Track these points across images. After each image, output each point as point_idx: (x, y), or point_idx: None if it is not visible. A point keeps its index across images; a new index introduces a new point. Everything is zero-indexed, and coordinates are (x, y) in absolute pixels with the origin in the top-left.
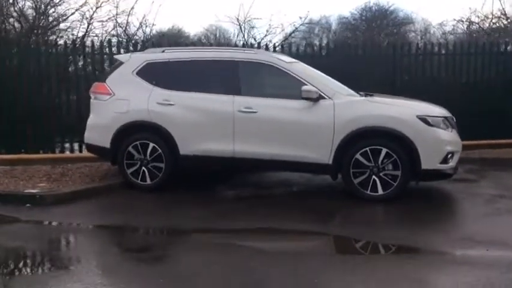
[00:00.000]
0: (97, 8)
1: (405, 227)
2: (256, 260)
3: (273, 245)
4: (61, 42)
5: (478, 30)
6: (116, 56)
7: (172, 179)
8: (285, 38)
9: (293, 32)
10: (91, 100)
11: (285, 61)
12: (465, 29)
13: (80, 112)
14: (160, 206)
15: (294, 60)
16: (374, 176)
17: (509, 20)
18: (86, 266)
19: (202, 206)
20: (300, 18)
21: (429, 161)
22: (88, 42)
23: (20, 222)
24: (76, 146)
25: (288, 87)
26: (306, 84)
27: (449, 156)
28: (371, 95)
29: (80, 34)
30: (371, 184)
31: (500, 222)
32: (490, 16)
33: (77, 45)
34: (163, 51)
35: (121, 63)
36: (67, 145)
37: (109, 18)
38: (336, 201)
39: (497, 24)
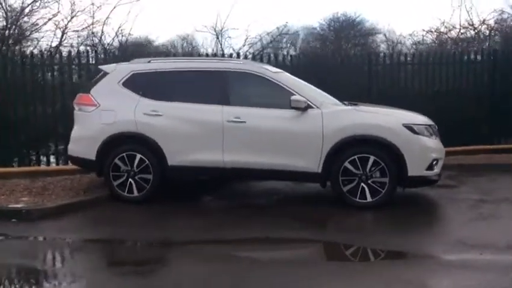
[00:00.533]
0: (72, 17)
1: (398, 233)
2: (256, 270)
3: (271, 254)
4: (35, 51)
5: (446, 40)
6: (101, 67)
7: (159, 190)
8: (263, 48)
9: (271, 42)
10: (75, 111)
11: (271, 71)
12: (434, 39)
13: (56, 124)
14: (150, 218)
15: (279, 70)
16: (362, 184)
17: (476, 30)
18: (78, 282)
19: (192, 217)
20: (278, 28)
21: (415, 168)
22: (64, 53)
23: (8, 238)
24: (51, 158)
25: (275, 97)
26: (294, 94)
27: (434, 163)
28: (355, 104)
29: (54, 44)
30: (359, 191)
31: (487, 226)
32: (458, 26)
33: (52, 55)
34: (149, 62)
35: (106, 73)
36: (42, 157)
37: (83, 28)
38: (325, 208)
39: (465, 35)
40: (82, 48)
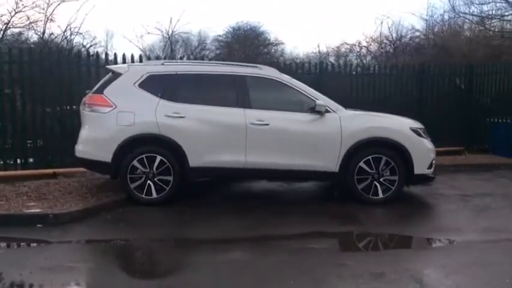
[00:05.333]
0: (16, 12)
1: (427, 223)
2: (342, 257)
3: (337, 245)
4: None
5: (366, 54)
6: (110, 67)
7: (178, 192)
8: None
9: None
10: (85, 112)
11: (287, 77)
12: (356, 52)
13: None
14: (186, 218)
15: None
16: (375, 182)
17: (394, 46)
18: (182, 276)
19: (226, 217)
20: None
21: (420, 167)
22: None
23: (51, 244)
24: None
25: (294, 101)
26: (312, 98)
27: (433, 162)
28: (357, 110)
29: None
30: (372, 189)
31: (492, 216)
32: (378, 41)
33: None
34: (162, 64)
35: (119, 74)
36: None
37: (25, 25)
38: (340, 205)
39: (384, 49)
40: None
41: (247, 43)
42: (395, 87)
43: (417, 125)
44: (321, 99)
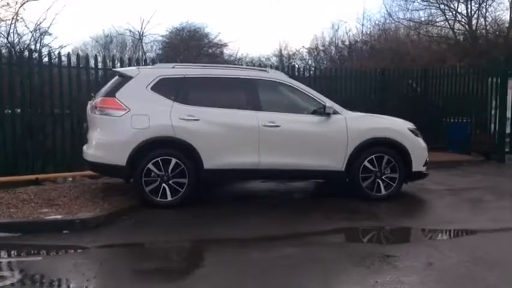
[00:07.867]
0: None
1: (438, 216)
2: (385, 249)
3: (377, 239)
4: None
5: (322, 58)
6: (119, 69)
7: (192, 194)
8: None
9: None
10: (96, 115)
11: (294, 80)
12: (314, 56)
13: None
14: (212, 219)
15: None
16: (378, 179)
17: (350, 50)
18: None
19: (250, 216)
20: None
21: (417, 165)
22: None
23: (90, 249)
24: None
25: (302, 103)
26: (319, 101)
27: (427, 159)
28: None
29: None
30: (376, 186)
31: (493, 207)
32: (334, 46)
33: None
34: (173, 67)
35: (129, 77)
36: None
37: None
38: (348, 202)
39: (340, 53)
40: None
41: (190, 44)
42: (359, 89)
43: (412, 125)
44: (328, 102)
